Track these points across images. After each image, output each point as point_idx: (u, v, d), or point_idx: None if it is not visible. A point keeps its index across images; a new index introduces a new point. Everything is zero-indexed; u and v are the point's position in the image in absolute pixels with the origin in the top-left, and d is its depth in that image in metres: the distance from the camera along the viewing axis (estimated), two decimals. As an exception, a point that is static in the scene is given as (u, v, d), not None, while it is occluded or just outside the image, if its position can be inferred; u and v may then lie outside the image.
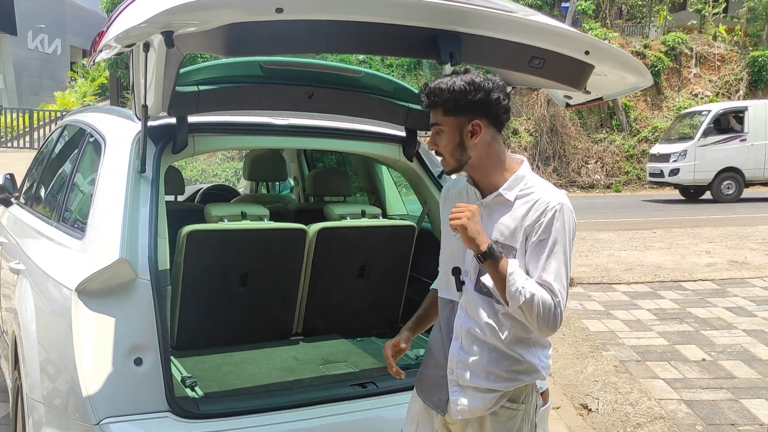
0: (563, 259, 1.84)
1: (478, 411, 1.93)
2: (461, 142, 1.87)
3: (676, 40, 22.42)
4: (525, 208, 1.86)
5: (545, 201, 1.85)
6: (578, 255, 9.21)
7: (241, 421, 2.25)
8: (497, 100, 1.85)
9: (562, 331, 5.68)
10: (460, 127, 1.86)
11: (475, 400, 1.93)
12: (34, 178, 4.20)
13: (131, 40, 1.90)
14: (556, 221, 1.83)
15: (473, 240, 1.81)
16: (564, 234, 1.85)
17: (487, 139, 1.87)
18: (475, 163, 1.90)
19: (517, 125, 20.31)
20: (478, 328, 1.92)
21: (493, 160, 1.90)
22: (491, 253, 1.81)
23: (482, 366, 1.92)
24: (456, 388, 1.96)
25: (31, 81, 27.72)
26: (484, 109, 1.85)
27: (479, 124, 1.85)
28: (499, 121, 1.89)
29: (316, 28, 1.83)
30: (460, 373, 1.95)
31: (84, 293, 2.19)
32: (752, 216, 13.41)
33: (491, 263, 1.81)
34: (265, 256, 3.05)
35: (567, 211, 1.86)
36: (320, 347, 3.20)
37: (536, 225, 1.84)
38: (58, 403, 2.26)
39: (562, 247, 1.84)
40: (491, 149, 1.89)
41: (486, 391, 1.92)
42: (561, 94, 2.72)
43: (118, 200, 2.37)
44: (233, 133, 2.87)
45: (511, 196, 1.89)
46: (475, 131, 1.85)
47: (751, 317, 6.03)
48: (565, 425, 4.10)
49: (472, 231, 1.81)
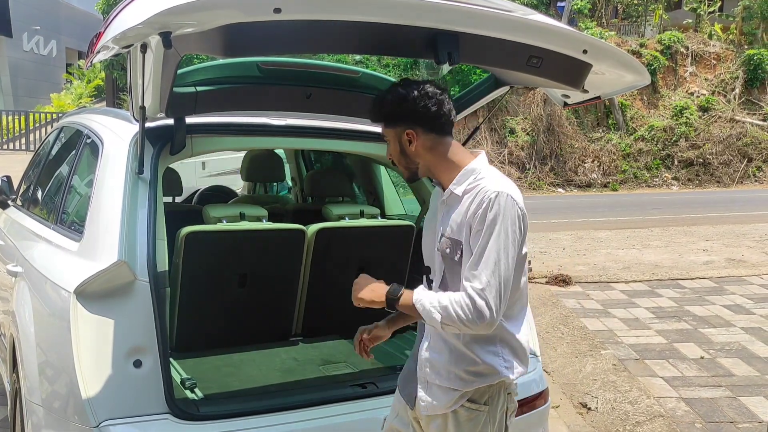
0: (495, 246, 1.81)
1: (439, 409, 1.98)
2: (402, 150, 1.97)
3: (672, 38, 22.45)
4: (469, 201, 1.89)
5: (484, 191, 1.86)
6: (576, 254, 9.22)
7: (241, 422, 2.25)
8: (425, 108, 1.91)
9: (561, 330, 5.69)
10: (398, 137, 1.96)
11: (437, 397, 1.98)
12: (30, 180, 4.18)
13: (129, 41, 1.90)
14: (490, 211, 1.83)
15: (372, 302, 1.96)
16: (498, 221, 1.82)
17: (427, 145, 1.95)
18: (424, 167, 1.99)
19: (513, 125, 20.31)
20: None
21: (441, 162, 1.97)
22: (392, 299, 1.92)
23: (444, 365, 1.97)
24: (423, 384, 2.02)
25: (26, 83, 27.65)
26: (414, 118, 1.93)
27: (412, 132, 1.93)
28: (436, 126, 1.94)
29: (313, 29, 1.83)
30: (427, 370, 2.01)
31: (82, 295, 2.19)
32: (749, 214, 13.44)
33: (400, 304, 1.92)
34: (264, 256, 3.05)
35: (504, 198, 1.84)
36: (320, 348, 3.20)
37: (474, 216, 1.86)
38: (57, 406, 2.25)
39: (496, 234, 1.82)
40: (436, 153, 1.96)
41: (447, 390, 1.97)
42: (559, 93, 2.72)
43: (116, 202, 2.37)
44: (231, 133, 2.87)
45: (459, 191, 1.93)
46: (410, 139, 1.94)
47: (749, 315, 6.05)
48: (565, 424, 4.10)
49: (365, 299, 1.97)
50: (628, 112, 21.35)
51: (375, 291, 1.96)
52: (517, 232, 1.85)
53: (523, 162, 20.00)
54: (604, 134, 20.91)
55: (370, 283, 1.98)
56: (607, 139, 20.73)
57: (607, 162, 20.41)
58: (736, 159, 20.83)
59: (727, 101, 21.85)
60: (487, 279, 1.80)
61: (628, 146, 20.69)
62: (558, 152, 20.21)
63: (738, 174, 20.61)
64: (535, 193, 18.96)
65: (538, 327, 5.66)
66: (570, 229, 11.73)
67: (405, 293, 1.92)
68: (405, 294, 1.92)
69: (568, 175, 20.11)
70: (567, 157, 20.29)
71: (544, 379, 2.87)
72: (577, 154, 20.39)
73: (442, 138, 1.96)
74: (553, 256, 9.07)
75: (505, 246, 1.82)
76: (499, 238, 1.82)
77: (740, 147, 20.91)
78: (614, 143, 20.63)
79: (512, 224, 1.84)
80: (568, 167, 20.20)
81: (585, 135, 20.88)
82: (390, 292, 1.93)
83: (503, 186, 1.87)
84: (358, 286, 1.99)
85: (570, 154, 20.32)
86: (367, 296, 1.96)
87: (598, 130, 21.04)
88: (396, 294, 1.92)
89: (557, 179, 19.97)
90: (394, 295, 1.92)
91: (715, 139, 20.84)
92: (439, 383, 1.98)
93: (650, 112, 21.60)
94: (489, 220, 1.82)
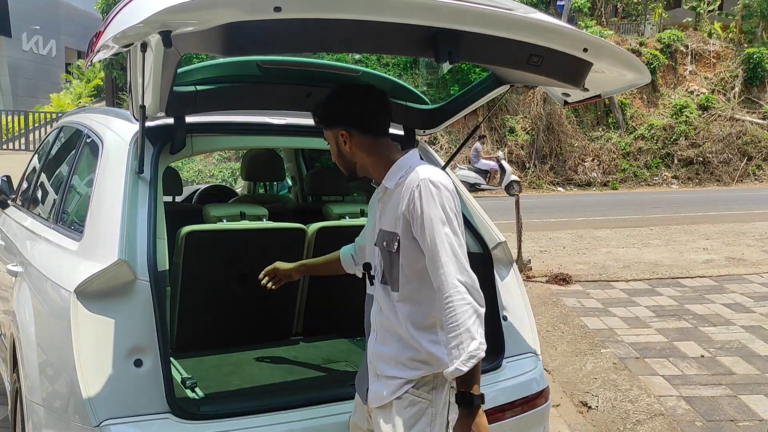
0: (445, 238, 1.87)
1: (385, 398, 2.02)
2: (340, 151, 2.10)
3: (672, 37, 22.44)
4: (400, 194, 1.96)
5: (411, 182, 1.93)
6: (576, 253, 9.22)
7: (242, 421, 2.25)
8: (358, 110, 2.05)
9: (561, 329, 5.69)
10: (335, 138, 2.09)
11: (385, 387, 2.03)
12: (30, 179, 4.18)
13: (129, 40, 1.89)
14: (418, 199, 1.89)
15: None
16: (433, 207, 1.88)
17: (362, 145, 2.06)
18: (361, 167, 2.10)
19: (513, 123, 20.30)
20: (386, 319, 2.04)
21: (376, 161, 2.07)
22: (477, 398, 1.85)
23: (391, 355, 2.02)
24: (374, 378, 2.08)
25: (26, 83, 27.64)
26: (348, 120, 2.05)
27: (346, 133, 2.05)
28: (370, 127, 2.05)
29: (314, 27, 1.83)
30: (376, 363, 2.07)
31: (83, 295, 2.18)
32: (749, 212, 13.44)
33: (476, 382, 1.85)
34: (265, 256, 3.05)
35: (427, 184, 1.90)
36: (320, 347, 3.20)
37: (409, 209, 1.92)
38: (58, 406, 2.25)
39: (440, 223, 1.88)
40: (371, 153, 2.07)
41: (393, 379, 2.01)
42: (559, 91, 2.72)
43: (117, 201, 2.36)
44: (231, 133, 2.86)
45: (391, 184, 2.01)
46: (345, 140, 2.06)
47: (749, 313, 6.05)
48: (565, 423, 4.10)
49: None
50: (628, 110, 21.35)
51: (477, 430, 1.86)
52: (447, 208, 1.90)
53: (523, 161, 19.99)
54: (603, 133, 20.90)
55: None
56: (607, 138, 20.73)
57: (607, 161, 20.40)
58: (736, 157, 20.83)
59: (726, 100, 21.85)
60: (454, 266, 1.85)
61: (628, 145, 20.69)
62: (558, 151, 20.21)
63: (738, 172, 20.61)
64: (535, 192, 18.97)
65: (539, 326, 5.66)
66: (570, 227, 11.73)
67: (470, 381, 1.84)
68: (472, 380, 1.84)
69: (568, 174, 20.10)
70: (567, 155, 20.28)
71: (545, 377, 2.87)
72: (577, 153, 20.39)
73: (376, 138, 2.07)
74: (554, 255, 9.07)
75: (454, 229, 1.89)
76: (444, 224, 1.88)
77: (740, 145, 20.91)
78: (614, 142, 20.62)
79: (449, 205, 1.90)
80: (567, 166, 20.20)
81: (585, 134, 20.88)
82: (473, 401, 1.85)
83: (429, 173, 1.94)
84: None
85: (570, 152, 20.32)
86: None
87: (598, 129, 21.04)
88: (475, 396, 1.85)
89: (557, 178, 19.97)
90: (475, 399, 1.85)
91: (715, 137, 20.84)
92: (387, 374, 2.02)
93: (650, 111, 21.59)
94: (422, 209, 1.89)
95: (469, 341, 1.79)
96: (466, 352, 1.79)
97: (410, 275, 1.98)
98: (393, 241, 1.97)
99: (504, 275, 2.95)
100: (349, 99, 2.07)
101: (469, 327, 1.80)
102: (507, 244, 3.00)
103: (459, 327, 1.80)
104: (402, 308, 2.00)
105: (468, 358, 1.79)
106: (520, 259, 7.53)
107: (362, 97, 2.08)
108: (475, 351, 1.79)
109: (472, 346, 1.79)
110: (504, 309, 2.87)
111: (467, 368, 1.80)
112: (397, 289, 2.00)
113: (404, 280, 1.99)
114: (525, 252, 7.88)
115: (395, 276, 1.99)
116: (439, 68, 19.12)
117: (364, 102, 2.07)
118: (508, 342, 2.81)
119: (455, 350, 1.81)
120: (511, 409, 2.65)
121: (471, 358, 1.79)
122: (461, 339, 1.80)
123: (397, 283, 1.99)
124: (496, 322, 2.82)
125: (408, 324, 1.98)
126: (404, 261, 1.98)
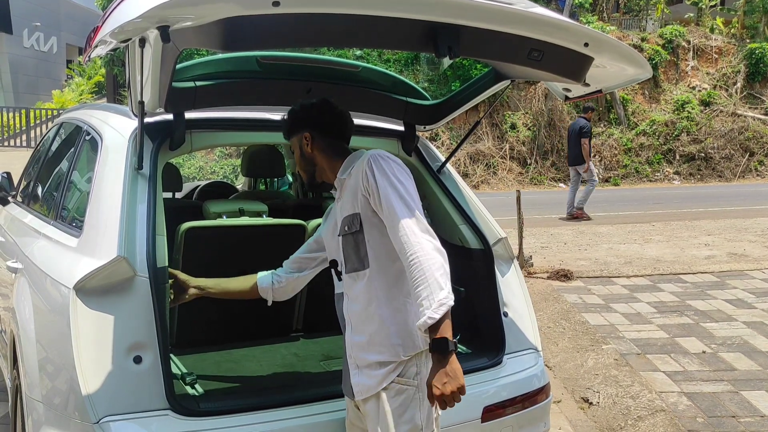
0: (402, 201, 1.94)
1: (372, 389, 2.05)
2: (302, 153, 2.25)
3: (674, 33, 22.38)
4: (355, 178, 2.07)
5: (360, 162, 2.06)
6: (577, 249, 9.21)
7: (242, 418, 2.24)
8: (318, 115, 2.24)
9: (562, 325, 5.69)
10: (299, 141, 2.24)
11: (369, 378, 2.06)
12: (30, 176, 4.17)
13: (127, 35, 1.88)
14: (370, 173, 1.99)
15: (460, 386, 1.86)
16: (384, 176, 1.98)
17: (323, 146, 2.22)
18: (320, 169, 2.24)
19: (515, 120, 20.26)
20: (358, 307, 2.09)
21: (335, 163, 2.20)
22: (445, 343, 1.85)
23: (366, 341, 2.06)
24: (355, 370, 2.11)
25: (27, 79, 27.63)
26: (309, 123, 2.23)
27: (308, 135, 2.22)
28: (329, 131, 2.24)
29: (313, 22, 1.82)
30: (355, 354, 2.11)
31: (82, 291, 2.18)
32: (751, 208, 13.42)
33: (445, 332, 1.85)
34: (264, 252, 3.04)
35: (375, 157, 2.02)
36: (321, 343, 3.19)
37: (363, 185, 2.01)
38: (58, 402, 2.25)
39: (394, 189, 1.96)
40: (329, 154, 2.22)
41: (376, 367, 2.04)
42: (560, 87, 2.71)
43: (116, 197, 2.35)
44: (231, 128, 2.85)
45: (345, 175, 2.14)
46: (307, 142, 2.22)
47: (750, 309, 6.04)
48: (566, 419, 4.10)
49: (454, 388, 1.86)
50: (630, 106, 21.30)
51: (453, 375, 1.84)
52: (399, 175, 1.99)
53: (524, 157, 19.96)
54: (605, 129, 20.86)
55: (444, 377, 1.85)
56: (609, 134, 20.69)
57: (608, 157, 20.36)
58: (738, 153, 20.78)
59: (728, 95, 21.79)
60: (415, 225, 1.90)
61: (629, 141, 20.65)
62: (559, 147, 20.17)
63: (740, 168, 20.57)
64: (537, 188, 18.94)
65: (540, 322, 5.66)
66: (571, 223, 11.73)
67: (442, 328, 1.84)
68: (443, 327, 1.84)
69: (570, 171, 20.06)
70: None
71: (546, 374, 2.87)
72: (579, 149, 20.32)
73: (336, 141, 2.24)
74: (555, 251, 9.06)
75: (405, 191, 1.96)
76: (393, 189, 1.96)
77: (742, 141, 20.86)
78: (615, 138, 20.58)
79: (392, 172, 1.99)
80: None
81: (586, 130, 20.82)
82: (447, 346, 1.84)
83: (374, 150, 2.09)
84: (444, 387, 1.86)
85: (571, 148, 20.26)
86: (453, 386, 1.84)
87: (600, 125, 20.99)
88: (449, 341, 1.85)
89: (558, 174, 19.93)
90: (449, 345, 1.84)
91: (717, 133, 20.79)
92: (367, 361, 2.06)
93: (652, 107, 21.55)
94: (376, 180, 1.97)
95: (438, 291, 1.83)
96: (435, 301, 1.82)
97: (378, 249, 2.03)
98: (354, 221, 2.05)
99: (505, 271, 2.95)
100: (310, 106, 2.27)
101: (437, 278, 1.84)
102: (508, 240, 2.99)
103: (426, 279, 1.84)
104: (374, 284, 2.05)
105: (438, 306, 1.82)
106: (521, 255, 7.52)
107: (321, 105, 2.27)
108: (445, 299, 1.83)
109: (441, 295, 1.83)
110: (505, 305, 2.87)
111: (438, 315, 1.82)
112: (367, 265, 2.05)
113: (373, 255, 2.04)
114: (526, 248, 7.87)
115: (363, 254, 2.05)
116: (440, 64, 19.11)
117: (325, 110, 2.26)
118: (509, 338, 2.80)
119: (425, 301, 1.83)
120: (512, 405, 2.65)
121: (441, 306, 1.82)
122: (430, 290, 1.83)
123: (366, 260, 2.05)
124: (496, 318, 2.82)
125: (382, 302, 2.02)
126: (369, 236, 2.04)
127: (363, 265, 2.06)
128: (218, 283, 2.59)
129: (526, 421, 2.71)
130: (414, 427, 2.02)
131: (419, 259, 1.86)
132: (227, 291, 2.60)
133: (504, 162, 19.58)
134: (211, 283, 2.58)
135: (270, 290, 2.55)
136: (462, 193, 3.06)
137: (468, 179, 17.97)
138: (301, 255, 2.54)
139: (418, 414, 2.02)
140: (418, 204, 1.97)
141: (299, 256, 2.55)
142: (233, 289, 2.60)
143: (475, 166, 19.20)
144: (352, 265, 2.09)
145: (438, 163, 3.13)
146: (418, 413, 2.02)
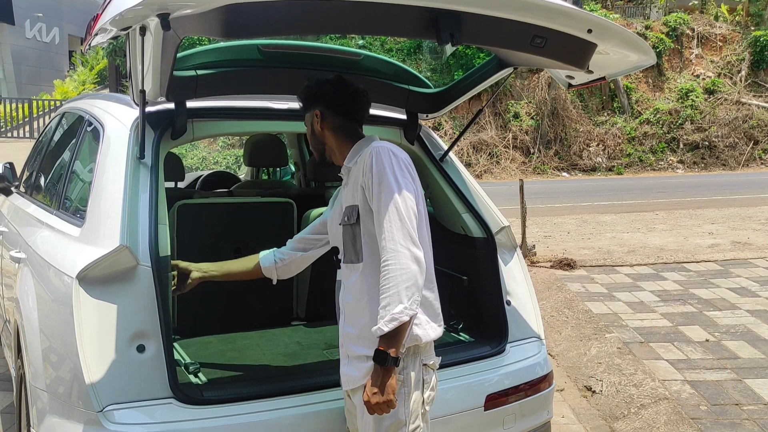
0: (392, 204, 1.91)
1: (358, 381, 2.04)
2: (313, 130, 2.22)
3: (678, 20, 22.25)
4: (358, 169, 2.05)
5: (365, 153, 2.03)
6: (581, 238, 9.20)
7: (245, 406, 2.25)
8: (332, 92, 2.19)
9: (566, 314, 5.69)
10: (311, 118, 2.21)
11: (357, 369, 2.05)
12: (33, 166, 4.18)
13: (127, 23, 1.87)
14: (369, 167, 1.98)
15: (392, 391, 1.89)
16: (383, 174, 1.96)
17: (332, 126, 2.19)
18: (329, 149, 2.21)
19: (518, 109, 20.20)
20: (352, 298, 2.08)
21: (344, 144, 2.18)
22: (386, 355, 1.88)
23: (357, 333, 2.06)
24: (345, 360, 2.12)
25: (29, 70, 27.58)
26: (322, 100, 2.19)
27: (319, 113, 2.19)
28: (342, 110, 2.19)
29: (314, 9, 1.80)
30: (347, 344, 2.11)
31: (85, 281, 2.18)
32: (755, 197, 13.38)
33: (394, 340, 1.88)
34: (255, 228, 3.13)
35: (378, 152, 1.99)
36: (323, 332, 3.19)
37: (363, 178, 2.00)
38: (62, 391, 2.26)
39: (388, 189, 1.94)
40: (339, 134, 2.19)
41: (364, 360, 2.02)
42: (563, 74, 2.69)
43: (118, 187, 2.35)
44: (232, 117, 2.84)
45: (351, 164, 2.12)
46: (318, 120, 2.19)
47: (754, 297, 6.03)
48: (569, 407, 4.11)
49: (387, 398, 1.90)
50: (633, 95, 21.21)
51: (382, 389, 1.89)
52: (399, 174, 1.96)
53: (528, 146, 19.91)
54: (608, 118, 20.79)
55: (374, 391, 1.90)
56: (612, 123, 20.62)
57: (612, 146, 20.31)
58: (742, 141, 20.71)
59: (733, 83, 21.68)
60: (399, 231, 1.89)
61: (633, 129, 20.58)
62: (562, 136, 20.13)
63: (744, 157, 20.50)
64: (540, 177, 18.91)
65: (543, 311, 5.66)
66: (575, 213, 11.70)
67: (390, 341, 1.87)
68: (391, 340, 1.88)
69: (573, 159, 20.02)
70: (572, 141, 20.19)
71: (549, 362, 2.87)
72: (582, 138, 20.29)
73: (346, 122, 2.19)
74: (558, 240, 9.06)
75: (401, 188, 1.94)
76: (388, 189, 1.93)
77: (746, 129, 20.77)
78: (619, 127, 20.52)
79: (399, 167, 1.97)
80: (572, 151, 20.12)
81: (590, 118, 20.77)
82: (385, 360, 1.87)
83: (379, 143, 2.05)
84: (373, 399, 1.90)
85: (575, 138, 20.23)
86: (379, 399, 1.89)
87: (603, 114, 20.92)
88: (389, 357, 1.88)
89: (562, 163, 19.89)
90: (388, 360, 1.87)
91: (721, 121, 20.71)
92: (356, 353, 2.05)
93: (655, 95, 21.45)
94: (372, 176, 1.96)
95: (396, 304, 1.85)
96: (390, 313, 1.85)
97: (372, 245, 2.02)
98: (353, 213, 2.05)
99: (508, 260, 2.94)
100: (325, 82, 2.21)
101: (400, 291, 1.85)
102: (511, 228, 2.99)
103: (390, 289, 1.86)
104: (367, 279, 2.03)
105: (390, 320, 1.84)
106: (525, 244, 7.51)
107: (340, 84, 2.21)
108: (398, 314, 1.84)
109: (396, 309, 1.84)
110: (508, 294, 2.87)
111: (387, 329, 1.85)
112: (361, 259, 2.05)
113: (368, 251, 2.03)
114: (529, 237, 7.86)
115: (358, 248, 2.05)
116: (443, 53, 19.02)
117: (340, 87, 2.20)
118: (512, 327, 2.80)
119: (382, 311, 1.86)
120: (515, 393, 2.65)
121: (393, 320, 1.84)
122: (389, 301, 1.85)
123: (360, 254, 2.04)
124: (499, 306, 2.82)
125: (373, 298, 2.00)
126: (364, 230, 2.03)
127: (358, 258, 2.05)
128: (220, 266, 2.57)
129: (529, 409, 2.71)
130: (398, 421, 2.01)
131: (390, 268, 1.87)
132: (230, 273, 2.57)
133: (507, 151, 19.54)
134: (213, 267, 2.55)
135: (273, 269, 2.52)
136: (465, 181, 3.05)
137: (471, 168, 17.93)
138: (307, 235, 2.52)
139: (401, 409, 2.00)
140: (411, 208, 1.94)
141: (305, 236, 2.53)
142: (236, 270, 2.57)
143: (478, 156, 19.17)
144: (348, 256, 2.09)
145: (440, 152, 3.12)
146: (402, 408, 2.00)
